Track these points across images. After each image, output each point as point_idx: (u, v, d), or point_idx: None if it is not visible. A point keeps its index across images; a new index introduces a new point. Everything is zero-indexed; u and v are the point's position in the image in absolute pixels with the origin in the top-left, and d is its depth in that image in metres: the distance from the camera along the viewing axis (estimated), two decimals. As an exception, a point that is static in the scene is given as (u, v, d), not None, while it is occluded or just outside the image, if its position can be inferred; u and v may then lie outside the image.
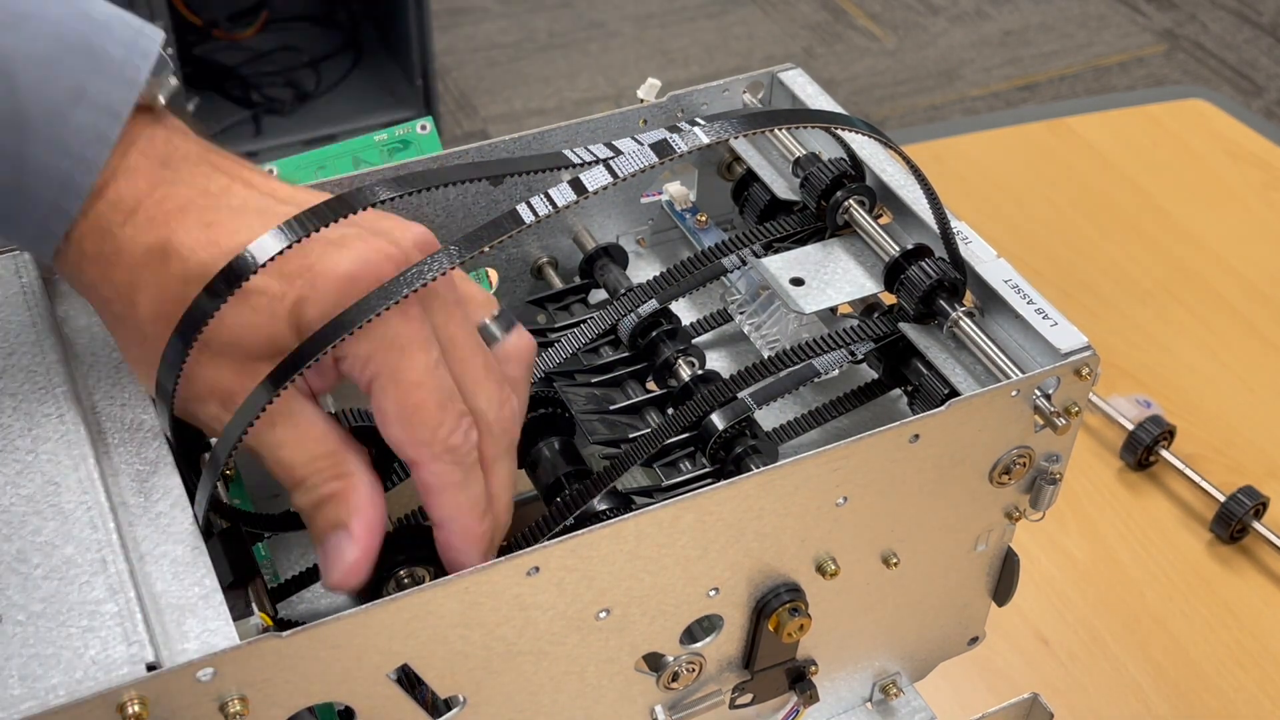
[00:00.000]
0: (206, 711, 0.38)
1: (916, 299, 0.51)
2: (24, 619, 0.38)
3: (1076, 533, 0.79)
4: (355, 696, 0.41)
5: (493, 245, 0.41)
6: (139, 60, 0.42)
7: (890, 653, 0.55)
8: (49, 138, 0.40)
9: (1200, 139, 1.10)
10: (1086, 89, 2.45)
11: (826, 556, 0.48)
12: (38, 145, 0.40)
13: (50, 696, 0.36)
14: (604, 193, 0.43)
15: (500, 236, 0.41)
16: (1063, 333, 0.49)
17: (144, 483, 0.43)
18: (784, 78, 0.60)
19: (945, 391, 0.50)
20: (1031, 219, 1.02)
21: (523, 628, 0.42)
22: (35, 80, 0.40)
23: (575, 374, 0.53)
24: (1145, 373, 0.89)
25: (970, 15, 2.66)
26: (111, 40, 0.42)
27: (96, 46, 0.41)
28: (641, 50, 2.53)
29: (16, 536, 0.40)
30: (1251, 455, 0.83)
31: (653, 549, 0.43)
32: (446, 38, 2.51)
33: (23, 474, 0.42)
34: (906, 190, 0.55)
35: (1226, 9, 2.69)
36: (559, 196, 0.42)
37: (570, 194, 0.42)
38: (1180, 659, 0.72)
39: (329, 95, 2.29)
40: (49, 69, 0.41)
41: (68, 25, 0.41)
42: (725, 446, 0.50)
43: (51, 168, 0.41)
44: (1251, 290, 0.95)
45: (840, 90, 2.42)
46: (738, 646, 0.49)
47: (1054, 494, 0.52)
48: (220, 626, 0.39)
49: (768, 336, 0.56)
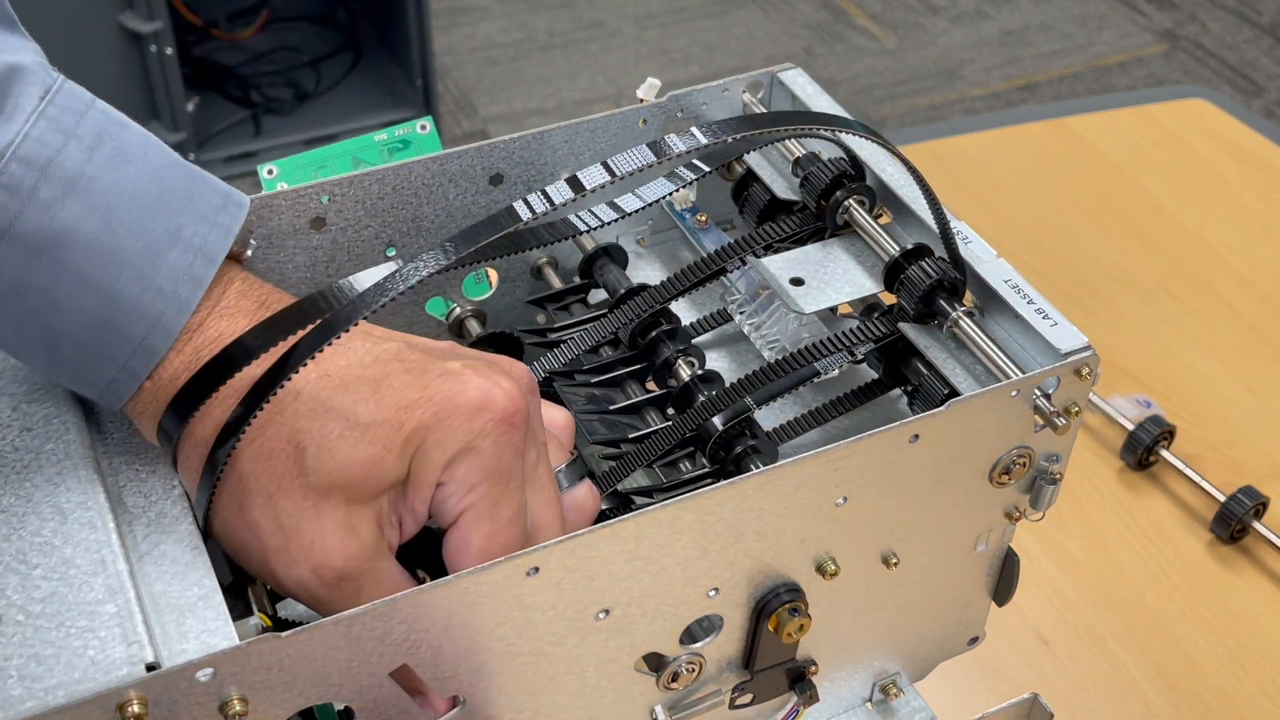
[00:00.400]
0: (206, 712, 0.38)
1: (916, 299, 0.51)
2: (23, 619, 0.38)
3: (1076, 533, 0.79)
4: (355, 697, 0.41)
5: (489, 243, 0.41)
6: (234, 209, 0.43)
7: (890, 653, 0.55)
8: (143, 275, 0.41)
9: (1200, 139, 1.10)
10: (1086, 89, 2.45)
11: (826, 556, 0.48)
12: (131, 283, 0.41)
13: (50, 697, 0.36)
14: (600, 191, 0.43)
15: (497, 233, 0.40)
16: (1063, 333, 0.49)
17: (143, 483, 0.43)
18: (784, 78, 0.60)
19: (945, 391, 0.50)
20: (1031, 219, 1.02)
21: (522, 628, 0.42)
22: (135, 219, 0.41)
23: (575, 374, 0.53)
24: (1145, 373, 0.89)
25: (970, 15, 2.66)
26: (208, 190, 0.43)
27: (195, 194, 0.42)
28: (641, 50, 2.53)
29: (16, 536, 0.40)
30: (1252, 455, 0.83)
31: (652, 549, 0.43)
32: (446, 38, 2.51)
33: (22, 474, 0.42)
34: (906, 190, 0.54)
35: (1226, 9, 2.68)
36: (556, 194, 0.42)
37: (568, 191, 0.42)
38: (1180, 659, 0.72)
39: (329, 95, 2.29)
40: (149, 209, 0.41)
41: (169, 171, 0.42)
42: (725, 446, 0.50)
43: (143, 305, 0.41)
44: (1251, 290, 0.95)
45: (840, 90, 2.42)
46: (737, 647, 0.49)
47: (1054, 494, 0.52)
48: (220, 627, 0.39)
49: (767, 336, 0.56)
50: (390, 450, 0.41)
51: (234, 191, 0.44)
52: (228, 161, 2.14)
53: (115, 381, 0.42)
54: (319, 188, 0.51)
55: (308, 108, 2.26)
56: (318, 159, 0.57)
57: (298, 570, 0.41)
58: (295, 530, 0.41)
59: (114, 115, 0.42)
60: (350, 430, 0.41)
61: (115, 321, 0.41)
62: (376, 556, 0.42)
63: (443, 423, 0.41)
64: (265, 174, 0.55)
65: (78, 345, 0.41)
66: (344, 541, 0.41)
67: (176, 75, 1.99)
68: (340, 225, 0.53)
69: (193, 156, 2.08)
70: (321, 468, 0.40)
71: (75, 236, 0.40)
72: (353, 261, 0.54)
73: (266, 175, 0.55)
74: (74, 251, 0.40)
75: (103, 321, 0.41)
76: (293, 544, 0.41)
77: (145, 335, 0.41)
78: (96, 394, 0.42)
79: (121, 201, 0.41)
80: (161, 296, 0.41)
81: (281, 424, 0.41)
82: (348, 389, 0.41)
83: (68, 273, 0.40)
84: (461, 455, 0.41)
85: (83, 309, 0.40)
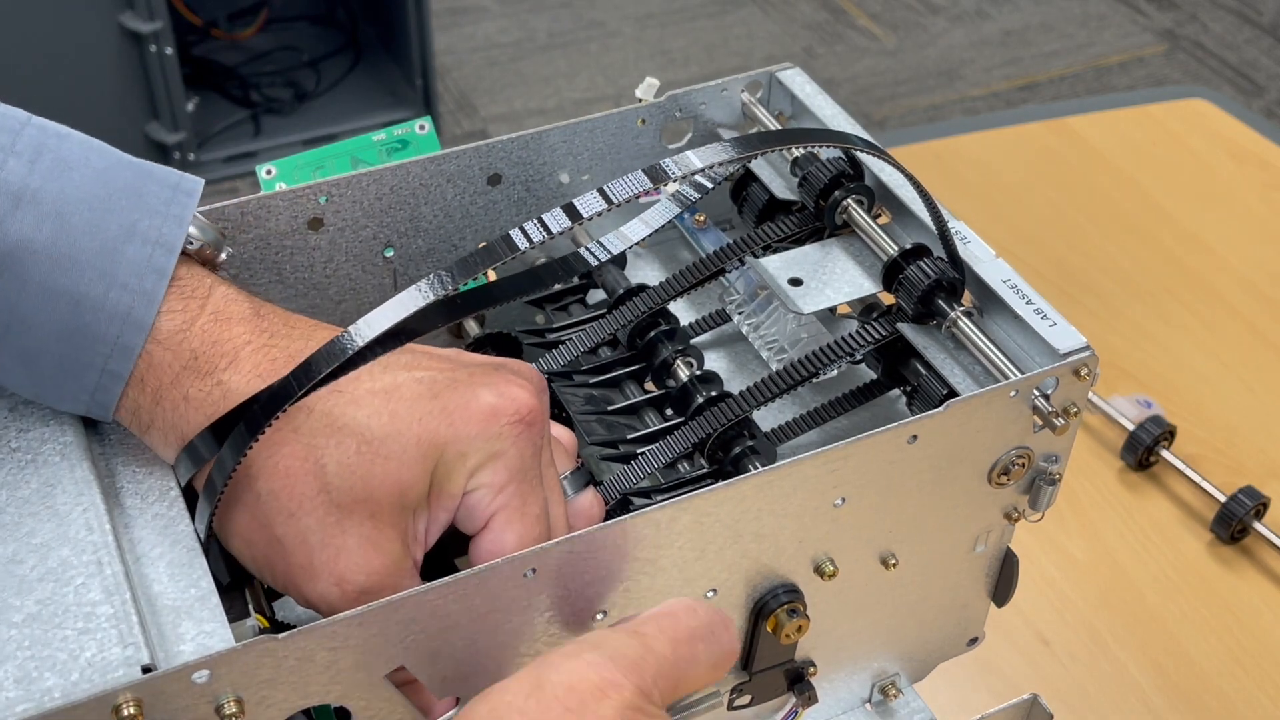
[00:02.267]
0: (202, 714, 0.37)
1: (915, 299, 0.51)
2: (20, 621, 0.38)
3: (1076, 533, 0.79)
4: (351, 698, 0.41)
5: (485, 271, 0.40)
6: (184, 198, 0.43)
7: (889, 653, 0.55)
8: (105, 274, 0.41)
9: (1200, 139, 1.10)
10: (1087, 89, 2.45)
11: (825, 557, 0.48)
12: (94, 284, 0.41)
13: (45, 699, 0.36)
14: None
15: (494, 262, 0.40)
16: (1061, 333, 0.49)
17: (140, 484, 0.43)
18: (783, 78, 0.60)
19: (944, 392, 0.50)
20: (1031, 219, 1.02)
21: (521, 629, 0.42)
22: (86, 221, 0.41)
23: (573, 374, 0.53)
24: (1145, 373, 0.89)
25: (970, 15, 2.66)
26: (156, 184, 0.43)
27: (143, 189, 0.43)
28: (641, 50, 2.53)
29: (12, 538, 0.40)
30: (1252, 455, 0.83)
31: (650, 550, 0.43)
32: (446, 38, 2.51)
33: (19, 476, 0.42)
34: (905, 190, 0.54)
35: (1227, 9, 2.68)
36: (553, 223, 0.42)
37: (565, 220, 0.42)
38: (1180, 659, 0.72)
39: (328, 95, 2.29)
40: (99, 209, 0.41)
41: (114, 172, 0.42)
42: (723, 447, 0.50)
43: (110, 303, 0.41)
44: (1251, 290, 0.95)
45: (840, 90, 2.42)
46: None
47: (1053, 494, 0.52)
48: (216, 629, 0.39)
49: (766, 337, 0.56)
50: (408, 465, 0.41)
51: (186, 178, 0.44)
52: (227, 161, 2.14)
53: (99, 388, 0.42)
54: (317, 188, 0.51)
55: (307, 108, 2.26)
56: (317, 159, 0.57)
57: (321, 585, 0.41)
58: (320, 546, 0.41)
59: (52, 128, 0.43)
60: (366, 446, 0.41)
61: (86, 325, 0.41)
62: (400, 573, 0.42)
63: (461, 433, 0.41)
64: (264, 174, 0.55)
65: (55, 358, 0.41)
66: (368, 557, 0.41)
67: (176, 75, 1.99)
68: (338, 226, 0.53)
69: (193, 156, 2.08)
70: (343, 484, 0.41)
71: (31, 247, 0.40)
72: (350, 262, 0.54)
73: (265, 175, 0.55)
74: (33, 263, 0.40)
75: (74, 327, 0.41)
76: (317, 560, 0.41)
77: (119, 333, 0.41)
78: (85, 406, 0.42)
79: (71, 206, 0.41)
80: (127, 292, 0.41)
81: (297, 442, 0.41)
82: (359, 404, 0.41)
83: (31, 285, 0.40)
84: (486, 461, 0.42)
85: (52, 319, 0.41)
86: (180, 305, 0.42)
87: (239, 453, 0.40)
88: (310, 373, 0.38)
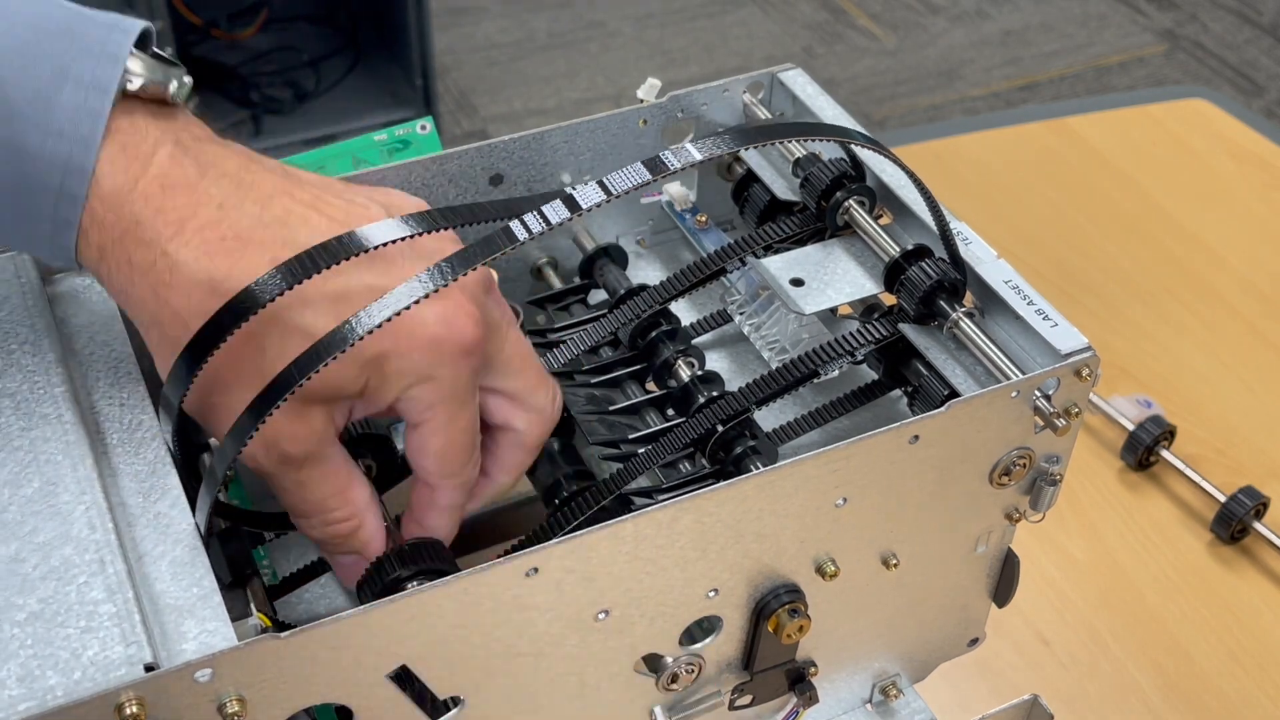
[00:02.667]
0: (205, 713, 0.38)
1: (916, 299, 0.51)
2: (22, 619, 0.38)
3: (1077, 533, 0.79)
4: (353, 697, 0.41)
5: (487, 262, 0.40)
6: (120, 37, 0.42)
7: (890, 654, 0.55)
8: (40, 122, 0.40)
9: (1200, 139, 1.10)
10: (1087, 89, 2.45)
11: (826, 557, 0.48)
12: (31, 132, 0.40)
13: (48, 697, 0.36)
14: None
15: (493, 253, 0.40)
16: (1063, 333, 0.49)
17: (142, 483, 0.43)
18: (784, 78, 0.60)
19: (945, 392, 0.50)
20: (1031, 219, 1.02)
21: (521, 629, 0.42)
22: (17, 68, 0.40)
23: (574, 374, 0.53)
24: (1145, 373, 0.89)
25: (970, 15, 2.66)
26: (90, 23, 0.42)
27: (76, 30, 0.41)
28: (641, 50, 2.53)
29: (14, 537, 0.40)
30: (1252, 455, 0.83)
31: (652, 550, 0.43)
32: (446, 38, 2.51)
33: (21, 475, 0.42)
34: (906, 190, 0.54)
35: (1227, 9, 2.68)
36: (553, 214, 0.42)
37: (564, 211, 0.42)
38: (1181, 659, 0.72)
39: (329, 95, 2.29)
40: (29, 55, 0.40)
41: (44, 15, 0.41)
42: (725, 447, 0.50)
43: (49, 151, 0.40)
44: (1251, 290, 0.95)
45: (840, 90, 2.42)
46: (737, 648, 0.49)
47: (1054, 495, 0.52)
48: (218, 627, 0.39)
49: (767, 337, 0.56)
50: (344, 367, 0.42)
51: (125, 20, 0.42)
52: (228, 161, 2.14)
53: (55, 235, 0.41)
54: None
55: (307, 108, 2.26)
56: (317, 159, 0.57)
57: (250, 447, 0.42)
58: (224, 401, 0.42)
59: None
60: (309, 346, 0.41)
61: (29, 174, 0.40)
62: (324, 443, 0.43)
63: (403, 353, 0.42)
64: (265, 174, 0.55)
65: (8, 208, 0.41)
66: (292, 426, 0.42)
67: (176, 75, 1.99)
68: (340, 225, 0.53)
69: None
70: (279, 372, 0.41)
71: None
72: (352, 262, 0.54)
73: (266, 175, 0.55)
74: None
75: (19, 178, 0.40)
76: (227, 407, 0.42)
77: (61, 180, 0.41)
78: (47, 253, 0.42)
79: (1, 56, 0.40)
80: (64, 139, 0.40)
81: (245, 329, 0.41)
82: (309, 305, 0.41)
83: None
84: (420, 381, 0.43)
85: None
86: (122, 161, 0.41)
87: (240, 441, 0.40)
88: (313, 360, 0.39)
